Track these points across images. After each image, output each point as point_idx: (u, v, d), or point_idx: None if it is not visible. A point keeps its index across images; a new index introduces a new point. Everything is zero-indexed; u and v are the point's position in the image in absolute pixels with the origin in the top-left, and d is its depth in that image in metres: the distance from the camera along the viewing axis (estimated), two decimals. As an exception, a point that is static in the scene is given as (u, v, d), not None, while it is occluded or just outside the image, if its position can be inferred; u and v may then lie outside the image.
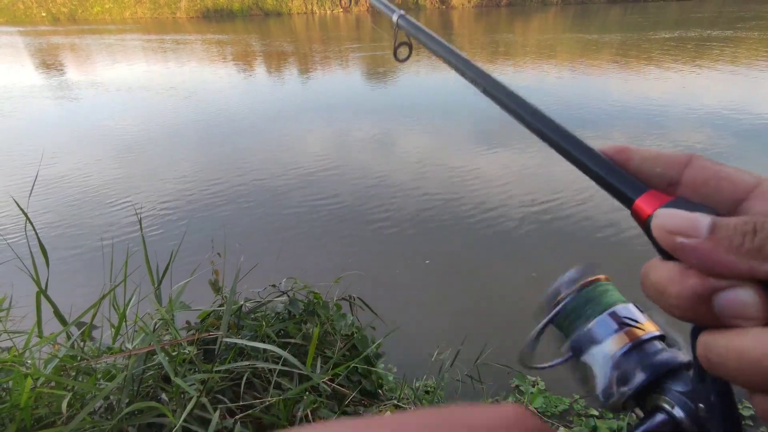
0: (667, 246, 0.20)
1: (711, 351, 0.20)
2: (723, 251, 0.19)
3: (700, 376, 0.23)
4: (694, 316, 0.20)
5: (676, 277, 0.20)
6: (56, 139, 6.74)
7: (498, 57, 13.08)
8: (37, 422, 0.98)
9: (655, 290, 0.21)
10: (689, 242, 0.19)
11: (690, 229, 0.19)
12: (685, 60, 10.69)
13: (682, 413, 0.24)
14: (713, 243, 0.19)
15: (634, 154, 0.25)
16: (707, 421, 0.23)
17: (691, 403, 0.24)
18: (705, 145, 5.53)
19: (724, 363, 0.19)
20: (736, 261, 0.18)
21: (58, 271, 3.30)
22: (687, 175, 0.23)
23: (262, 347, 0.94)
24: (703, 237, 0.19)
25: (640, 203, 0.23)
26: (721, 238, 0.19)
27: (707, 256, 0.19)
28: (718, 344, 0.19)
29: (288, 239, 3.83)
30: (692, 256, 0.19)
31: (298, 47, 16.42)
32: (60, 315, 1.07)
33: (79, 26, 25.90)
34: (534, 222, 4.00)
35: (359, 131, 6.88)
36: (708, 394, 0.23)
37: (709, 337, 0.20)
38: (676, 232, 0.20)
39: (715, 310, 0.19)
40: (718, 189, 0.22)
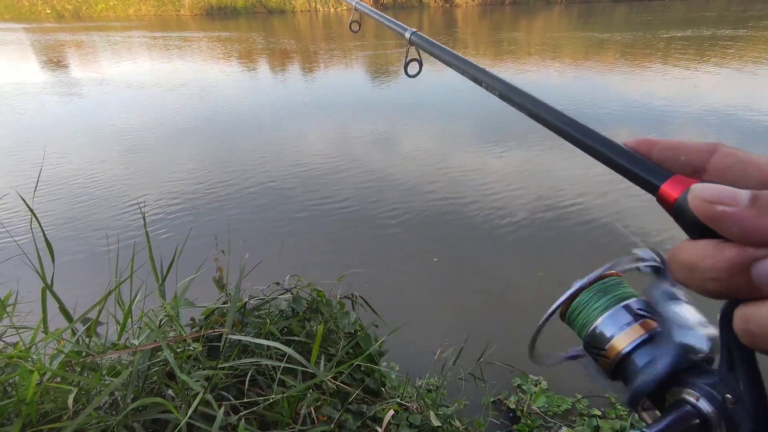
0: (707, 215, 0.20)
1: (752, 322, 0.19)
2: (766, 217, 0.18)
3: (728, 363, 0.23)
4: (731, 289, 0.20)
5: (710, 251, 0.20)
6: (63, 137, 6.76)
7: (503, 55, 13.03)
8: (43, 417, 0.99)
9: (687, 268, 0.21)
10: (731, 209, 0.19)
11: (730, 198, 0.19)
12: (696, 59, 10.63)
13: (708, 404, 0.24)
14: (756, 209, 0.19)
15: (655, 144, 0.25)
16: (735, 411, 0.23)
17: (717, 394, 0.23)
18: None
19: (764, 333, 0.19)
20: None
21: (64, 267, 3.32)
22: (713, 162, 0.23)
23: (266, 344, 0.94)
24: (744, 205, 0.19)
25: (666, 188, 0.23)
26: (764, 205, 0.19)
27: (750, 221, 0.19)
28: (761, 315, 0.19)
29: (292, 237, 3.84)
30: (734, 223, 0.19)
31: (302, 45, 16.42)
32: (65, 311, 1.08)
33: (83, 23, 25.97)
34: (539, 221, 3.99)
35: (364, 130, 6.88)
36: (736, 383, 0.23)
37: (748, 309, 0.20)
38: (716, 201, 0.20)
39: (754, 280, 0.19)
40: (744, 173, 0.22)
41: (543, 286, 3.12)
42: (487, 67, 0.38)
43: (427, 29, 21.02)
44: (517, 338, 2.73)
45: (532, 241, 3.74)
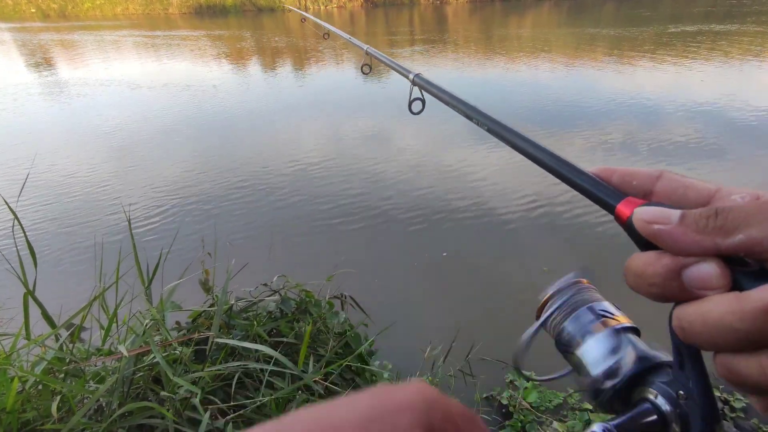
0: (647, 232, 0.24)
1: (682, 319, 0.23)
2: (691, 232, 0.22)
3: (678, 362, 0.26)
4: (668, 293, 0.24)
5: (652, 260, 0.24)
6: (47, 138, 6.66)
7: (494, 53, 13.06)
8: (24, 426, 0.98)
9: (635, 275, 0.25)
10: (664, 227, 0.23)
11: (664, 218, 0.24)
12: (684, 53, 10.73)
13: (664, 401, 0.26)
14: (683, 226, 0.23)
15: (614, 171, 0.30)
16: (687, 406, 0.26)
17: (672, 392, 0.26)
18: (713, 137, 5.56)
19: (692, 328, 0.22)
20: (702, 239, 0.22)
21: (49, 272, 3.27)
22: (659, 187, 0.28)
23: (252, 347, 0.93)
24: (674, 223, 0.23)
25: (621, 207, 0.27)
26: (689, 222, 0.23)
27: (679, 236, 0.23)
28: (688, 312, 0.23)
29: (281, 238, 3.82)
30: (667, 238, 0.23)
31: (293, 44, 16.33)
32: (48, 317, 1.06)
33: (70, 22, 25.59)
34: (531, 218, 4.01)
35: (353, 128, 6.86)
36: (686, 380, 0.26)
37: (680, 309, 0.23)
38: (652, 221, 0.24)
39: (684, 283, 0.23)
40: (684, 196, 0.27)
41: (536, 281, 3.14)
42: (479, 65, 0.41)
43: (418, 27, 21.00)
44: (509, 334, 2.74)
45: (523, 236, 3.76)
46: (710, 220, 0.22)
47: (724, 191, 0.26)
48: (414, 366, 2.28)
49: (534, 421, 2.20)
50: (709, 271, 0.22)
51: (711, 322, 0.21)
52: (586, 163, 0.32)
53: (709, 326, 0.21)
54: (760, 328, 0.20)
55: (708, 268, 0.22)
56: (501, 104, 7.80)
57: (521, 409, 2.26)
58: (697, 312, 0.22)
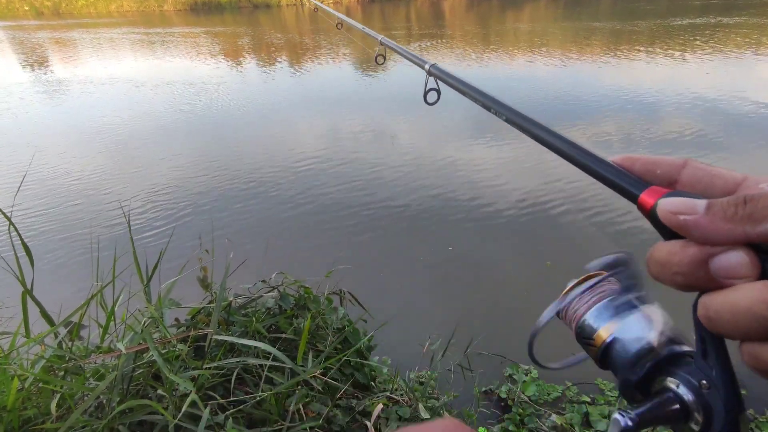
0: (672, 224, 0.24)
1: (709, 309, 0.23)
2: (719, 221, 0.22)
3: (702, 351, 0.26)
4: (694, 282, 0.23)
5: (677, 249, 0.24)
6: (44, 136, 6.64)
7: (492, 48, 13.03)
8: (26, 423, 0.98)
9: (659, 265, 0.24)
10: (691, 218, 0.23)
11: (689, 208, 0.23)
12: (682, 47, 10.72)
13: (686, 390, 0.26)
14: (710, 215, 0.22)
15: (637, 160, 0.29)
16: (710, 396, 0.25)
17: (694, 381, 0.26)
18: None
19: (720, 317, 0.22)
20: (731, 227, 0.22)
21: (49, 270, 3.27)
22: (684, 175, 0.27)
23: (251, 344, 0.94)
24: (701, 213, 0.23)
25: (644, 197, 0.27)
26: (716, 211, 0.22)
27: (706, 226, 0.22)
28: (715, 301, 0.22)
29: (279, 234, 3.82)
30: (694, 229, 0.23)
31: (290, 39, 16.25)
32: (47, 315, 1.07)
33: (64, 20, 25.41)
34: (531, 213, 4.02)
35: (350, 123, 6.85)
36: (710, 369, 0.25)
37: (707, 298, 0.23)
38: (678, 212, 0.23)
39: (712, 272, 0.22)
40: (711, 185, 0.26)
41: (539, 275, 3.14)
42: (477, 59, 0.41)
43: (415, 23, 20.92)
44: (508, 329, 2.76)
45: (522, 231, 3.77)
46: (739, 207, 0.22)
47: (752, 180, 0.25)
48: (413, 361, 2.29)
49: (533, 414, 2.22)
50: (738, 260, 0.22)
51: (740, 311, 0.21)
52: (608, 153, 0.31)
53: (738, 315, 0.21)
54: None
55: (737, 256, 0.22)
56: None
57: (520, 402, 2.28)
58: (726, 301, 0.22)
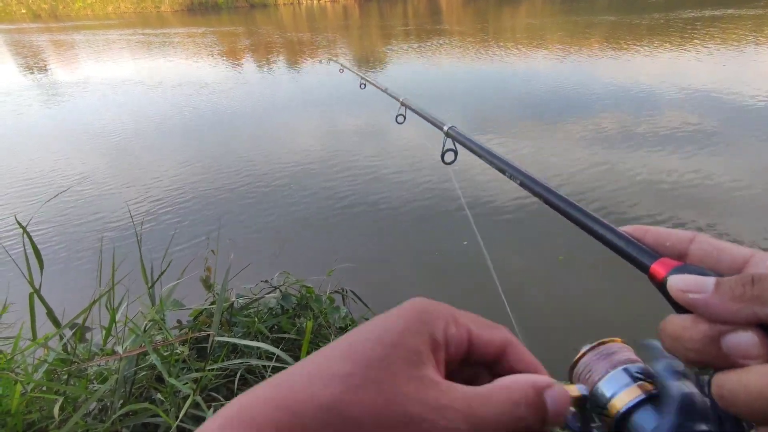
0: (682, 301, 0.24)
1: (723, 387, 0.22)
2: (728, 301, 0.22)
3: (719, 422, 0.26)
4: (706, 358, 0.23)
5: (689, 324, 0.24)
6: (49, 138, 6.63)
7: (490, 44, 13.00)
8: (30, 426, 0.98)
9: (672, 338, 0.25)
10: (700, 296, 0.23)
11: (699, 287, 0.24)
12: (680, 40, 10.70)
13: None
14: (719, 295, 0.23)
15: (648, 231, 0.30)
16: None
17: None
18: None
19: (734, 397, 0.22)
20: (739, 308, 0.22)
21: (57, 273, 3.27)
22: (692, 249, 0.28)
23: (253, 345, 0.94)
24: (709, 292, 0.23)
25: (655, 267, 0.27)
26: (724, 291, 0.23)
27: (715, 306, 0.23)
28: (729, 381, 0.22)
29: (281, 235, 3.82)
30: (703, 308, 0.23)
31: (289, 39, 16.22)
32: (53, 317, 1.06)
33: (61, 23, 25.36)
34: (534, 209, 4.01)
35: (353, 123, 6.84)
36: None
37: (721, 376, 0.23)
38: (687, 290, 0.24)
39: (724, 350, 0.22)
40: (718, 260, 0.26)
41: (551, 270, 3.13)
42: (476, 54, 0.40)
43: (411, 20, 20.87)
44: (507, 324, 2.75)
45: (527, 226, 3.76)
46: (746, 287, 0.22)
47: (759, 256, 0.25)
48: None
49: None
50: (748, 341, 0.22)
51: (754, 392, 0.21)
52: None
53: (751, 396, 0.21)
54: None
55: (747, 337, 0.22)
56: (500, 92, 7.78)
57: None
58: (740, 382, 0.22)
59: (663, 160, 4.80)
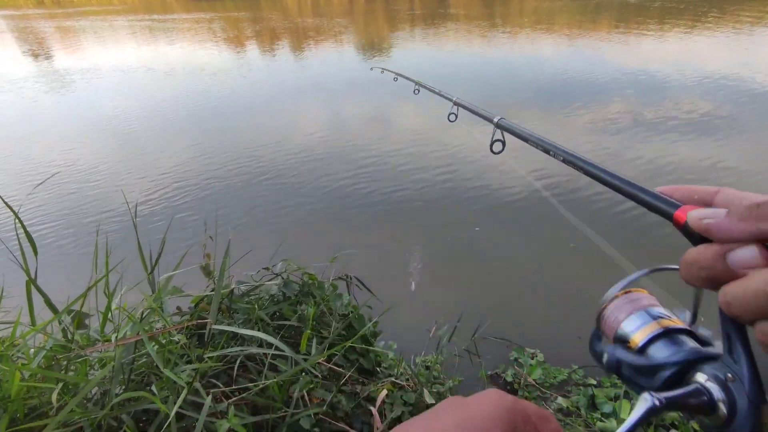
0: (698, 227, 0.29)
1: (727, 295, 0.27)
2: (736, 221, 0.27)
3: (728, 348, 0.30)
4: (715, 275, 0.28)
5: (702, 250, 0.29)
6: (50, 125, 6.65)
7: (498, 29, 12.76)
8: (33, 410, 0.99)
9: (688, 265, 0.29)
10: (714, 221, 0.28)
11: (713, 214, 0.29)
12: (690, 24, 10.42)
13: (714, 385, 0.30)
14: (729, 217, 0.28)
15: (677, 189, 0.35)
16: (735, 388, 0.29)
17: (721, 375, 0.30)
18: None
19: (735, 301, 0.26)
20: (746, 225, 0.26)
21: (56, 258, 3.30)
22: (717, 199, 0.32)
23: (251, 334, 0.93)
24: (722, 217, 0.28)
25: (678, 213, 0.32)
26: (735, 213, 0.27)
27: (725, 226, 0.27)
28: (732, 288, 0.27)
29: (285, 221, 3.82)
30: (714, 229, 0.28)
31: (297, 27, 16.03)
32: (51, 304, 1.06)
33: (65, 9, 25.23)
34: (538, 196, 3.97)
35: (352, 109, 6.78)
36: (734, 364, 0.30)
37: (726, 287, 0.27)
38: (705, 217, 0.29)
39: (729, 264, 0.27)
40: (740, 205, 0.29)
41: (562, 258, 3.11)
42: (484, 43, 0.41)
43: (418, 5, 20.52)
44: (514, 313, 2.75)
45: (528, 215, 3.73)
46: (752, 210, 0.26)
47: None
48: (419, 346, 2.29)
49: (539, 397, 2.22)
50: (750, 253, 0.26)
51: (751, 293, 0.25)
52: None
53: (749, 297, 0.25)
54: None
55: (750, 249, 0.26)
56: (497, 80, 7.66)
57: (526, 385, 2.28)
58: (740, 287, 0.26)
59: (673, 147, 4.71)
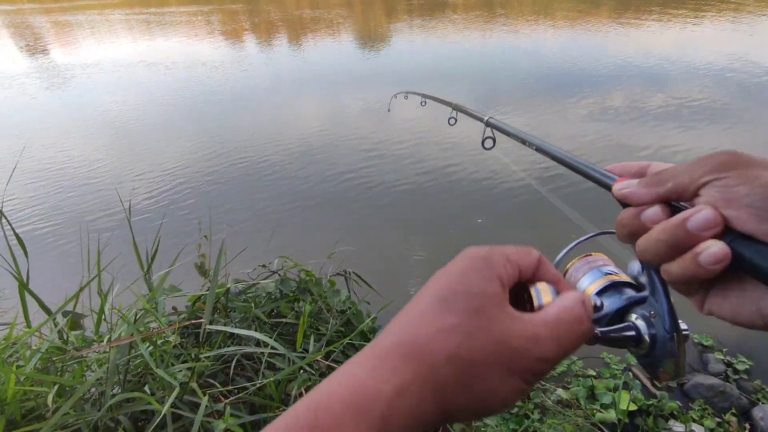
0: (618, 196, 0.36)
1: (639, 245, 0.33)
2: (643, 188, 0.33)
3: (651, 290, 0.37)
4: (634, 230, 0.33)
5: (624, 212, 0.35)
6: (40, 121, 6.61)
7: (496, 23, 12.63)
8: (30, 412, 0.99)
9: (619, 224, 0.35)
10: (628, 189, 0.34)
11: (628, 185, 0.35)
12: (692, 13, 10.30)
13: (642, 322, 0.37)
14: (638, 186, 0.34)
15: (621, 165, 0.41)
16: (656, 323, 0.36)
17: (647, 313, 0.37)
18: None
19: (644, 248, 0.32)
20: (648, 190, 0.33)
21: (55, 259, 3.30)
22: (649, 171, 0.38)
23: (246, 334, 0.93)
24: (634, 186, 0.34)
25: (615, 186, 0.37)
26: (642, 182, 0.34)
27: (635, 192, 0.34)
28: (642, 240, 0.32)
29: (279, 218, 3.81)
30: (630, 196, 0.34)
31: (291, 17, 15.88)
32: (45, 306, 1.06)
33: (60, 4, 24.99)
34: (531, 188, 3.96)
35: (347, 101, 6.73)
36: (656, 303, 0.36)
37: (639, 240, 0.33)
38: (622, 187, 0.35)
39: (642, 220, 0.33)
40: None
41: (541, 252, 3.10)
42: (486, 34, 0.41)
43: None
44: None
45: (527, 207, 3.72)
46: (653, 177, 0.33)
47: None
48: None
49: (538, 388, 2.22)
50: (654, 210, 0.32)
51: (653, 241, 0.31)
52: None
53: (651, 243, 0.31)
54: (676, 236, 0.30)
55: (654, 209, 0.32)
56: (497, 76, 7.59)
57: (525, 378, 2.28)
58: (646, 238, 0.32)
59: (672, 134, 4.68)
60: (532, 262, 0.34)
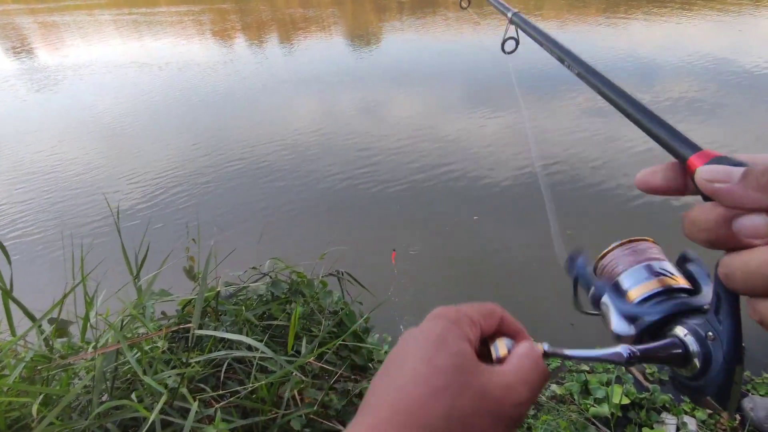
0: (707, 191, 0.26)
1: (727, 267, 0.25)
2: (751, 189, 0.24)
3: (715, 307, 0.28)
4: (715, 238, 0.26)
5: (708, 209, 0.26)
6: (29, 123, 6.52)
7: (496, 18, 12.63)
8: (17, 422, 0.97)
9: (690, 222, 0.27)
10: (724, 186, 0.25)
11: (726, 176, 0.25)
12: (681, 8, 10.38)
13: (692, 339, 0.30)
14: (744, 183, 0.24)
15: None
16: (713, 347, 0.29)
17: (701, 331, 0.29)
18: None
19: (734, 275, 0.25)
20: (760, 195, 0.24)
21: (42, 265, 3.25)
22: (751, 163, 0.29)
23: (235, 338, 0.92)
24: (735, 181, 0.24)
25: (693, 159, 0.28)
26: (750, 180, 0.24)
27: (738, 196, 0.24)
28: (734, 261, 0.25)
29: (271, 220, 3.78)
30: (726, 197, 0.25)
31: (280, 16, 15.79)
32: (29, 314, 1.04)
33: (46, 4, 24.66)
34: (525, 184, 3.97)
35: (343, 100, 6.71)
36: (718, 324, 0.28)
37: (727, 258, 0.26)
38: (714, 179, 0.25)
39: (734, 230, 0.25)
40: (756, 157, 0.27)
41: (536, 251, 3.12)
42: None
43: (406, -10, 20.21)
44: (507, 301, 2.75)
45: (523, 205, 3.73)
46: (765, 175, 0.24)
47: None
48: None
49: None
50: (758, 221, 0.24)
51: (752, 268, 0.24)
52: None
53: (748, 273, 0.24)
54: None
55: (758, 218, 0.24)
56: (495, 74, 7.60)
57: (519, 374, 2.29)
58: (741, 261, 0.24)
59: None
60: (494, 321, 0.34)
